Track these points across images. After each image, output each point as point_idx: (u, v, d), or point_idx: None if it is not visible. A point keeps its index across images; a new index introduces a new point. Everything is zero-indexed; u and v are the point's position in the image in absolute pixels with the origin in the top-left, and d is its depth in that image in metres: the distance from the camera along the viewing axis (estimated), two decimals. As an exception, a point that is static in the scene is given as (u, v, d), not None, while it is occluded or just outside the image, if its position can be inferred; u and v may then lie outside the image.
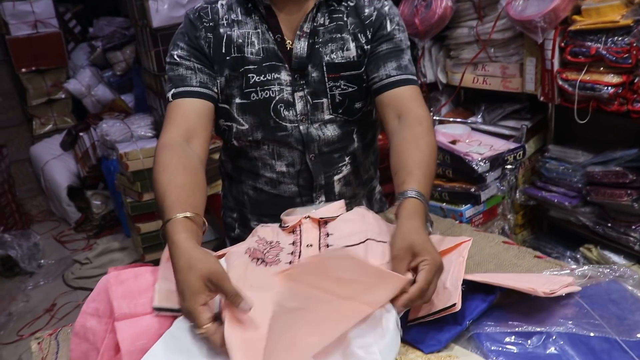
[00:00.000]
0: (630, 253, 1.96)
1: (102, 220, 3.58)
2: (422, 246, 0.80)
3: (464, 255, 0.87)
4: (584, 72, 1.86)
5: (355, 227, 0.97)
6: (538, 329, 0.81)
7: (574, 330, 0.80)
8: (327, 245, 0.94)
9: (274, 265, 0.90)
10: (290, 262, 0.91)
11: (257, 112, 1.10)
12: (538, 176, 2.26)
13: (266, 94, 1.08)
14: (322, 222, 1.00)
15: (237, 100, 1.09)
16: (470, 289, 0.85)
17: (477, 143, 2.17)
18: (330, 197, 1.18)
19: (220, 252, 0.97)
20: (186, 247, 0.79)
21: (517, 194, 2.26)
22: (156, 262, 0.87)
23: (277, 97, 1.09)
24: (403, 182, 0.93)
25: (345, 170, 1.18)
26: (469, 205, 2.09)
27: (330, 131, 1.13)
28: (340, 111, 1.12)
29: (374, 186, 1.32)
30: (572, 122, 1.98)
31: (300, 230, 0.99)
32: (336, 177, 1.17)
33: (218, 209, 1.37)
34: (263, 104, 1.09)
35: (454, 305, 0.78)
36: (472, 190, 2.05)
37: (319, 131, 1.12)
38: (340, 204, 1.06)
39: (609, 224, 1.99)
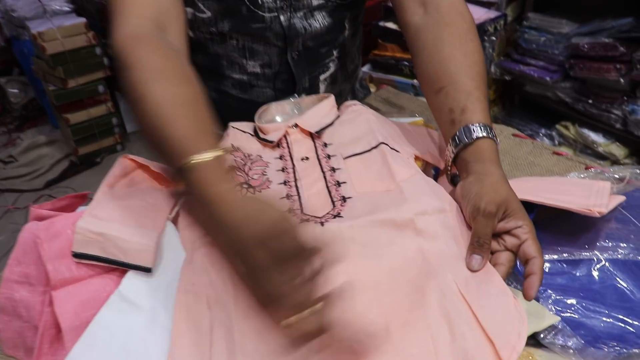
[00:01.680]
0: (610, 131, 1.87)
1: (23, 110, 3.19)
2: (516, 206, 0.63)
3: None
4: None
5: (356, 129, 0.78)
6: (585, 255, 0.67)
7: (628, 255, 0.67)
8: (328, 157, 0.75)
9: (265, 191, 0.70)
10: (284, 183, 0.71)
11: None
12: (514, 48, 2.07)
13: None
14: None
15: None
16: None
17: (452, 12, 1.92)
18: None
19: None
20: (237, 200, 0.53)
21: (492, 68, 2.08)
22: (91, 155, 0.62)
23: None
24: (463, 109, 0.70)
25: (333, 66, 0.95)
26: (443, 83, 1.90)
27: (319, 21, 0.87)
28: None
29: (357, 75, 1.10)
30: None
31: (288, 142, 0.78)
32: (322, 77, 0.94)
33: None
34: None
35: None
36: (449, 67, 1.85)
37: (304, 22, 0.86)
38: (329, 103, 0.84)
39: (590, 101, 1.88)
